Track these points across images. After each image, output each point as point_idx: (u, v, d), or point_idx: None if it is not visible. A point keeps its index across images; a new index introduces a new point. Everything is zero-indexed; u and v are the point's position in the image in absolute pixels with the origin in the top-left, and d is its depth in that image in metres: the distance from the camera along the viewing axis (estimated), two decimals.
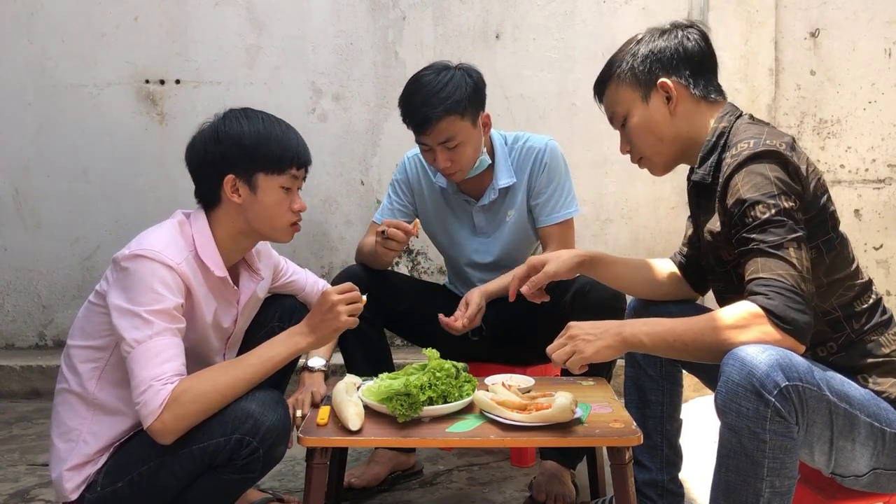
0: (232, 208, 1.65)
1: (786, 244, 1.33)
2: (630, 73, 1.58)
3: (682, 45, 1.56)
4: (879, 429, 1.35)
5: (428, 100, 1.99)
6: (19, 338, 3.50)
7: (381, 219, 2.30)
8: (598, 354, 1.43)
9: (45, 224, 3.44)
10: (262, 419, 1.49)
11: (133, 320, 1.48)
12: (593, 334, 1.44)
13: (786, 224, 1.34)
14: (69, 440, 1.59)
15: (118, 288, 1.52)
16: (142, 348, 1.47)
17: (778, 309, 1.30)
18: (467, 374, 1.69)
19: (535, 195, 2.20)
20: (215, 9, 3.33)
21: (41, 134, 3.39)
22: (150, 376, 1.45)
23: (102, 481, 1.55)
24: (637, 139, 1.61)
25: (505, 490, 2.17)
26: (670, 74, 1.55)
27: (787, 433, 1.25)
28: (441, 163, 2.05)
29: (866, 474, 1.38)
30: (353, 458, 2.31)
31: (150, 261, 1.51)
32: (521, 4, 3.29)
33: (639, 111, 1.58)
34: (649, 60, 1.56)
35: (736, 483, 1.29)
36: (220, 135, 1.62)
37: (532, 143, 2.22)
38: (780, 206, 1.35)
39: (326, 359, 1.89)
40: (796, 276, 1.31)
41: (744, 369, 1.25)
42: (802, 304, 1.30)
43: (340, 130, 3.37)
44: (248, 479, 1.55)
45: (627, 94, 1.59)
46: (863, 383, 1.41)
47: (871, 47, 3.23)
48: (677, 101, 1.55)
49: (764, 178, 1.37)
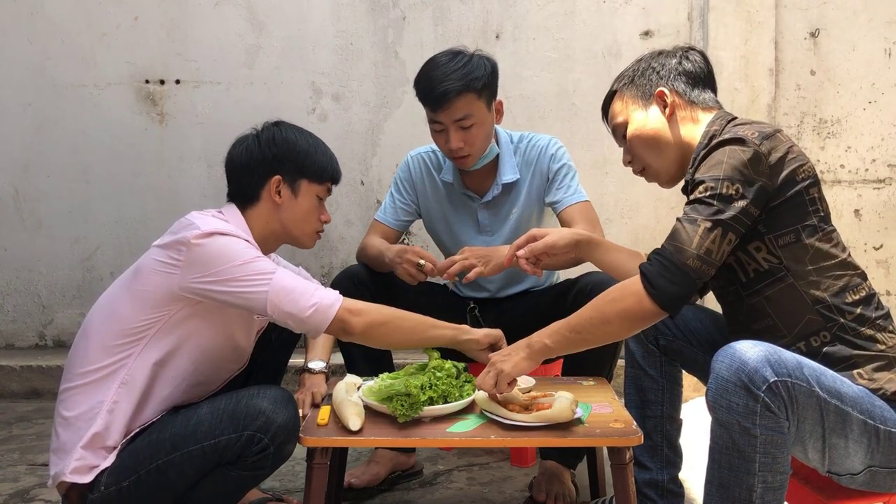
0: (269, 207, 1.72)
1: (700, 221, 1.39)
2: (630, 84, 1.64)
3: (681, 62, 1.62)
4: (873, 426, 1.35)
5: (448, 75, 2.01)
6: (19, 338, 3.50)
7: (383, 217, 2.30)
8: (516, 368, 1.52)
9: (45, 224, 3.44)
10: (274, 416, 1.49)
11: (248, 267, 1.55)
12: (507, 353, 1.56)
13: (713, 206, 1.39)
14: (88, 419, 1.55)
15: (203, 264, 1.54)
16: (279, 274, 1.56)
17: (650, 273, 1.40)
18: (467, 374, 1.69)
19: (549, 183, 2.19)
20: (215, 9, 3.33)
21: (41, 134, 3.39)
22: (311, 285, 1.58)
23: (106, 480, 1.53)
24: (636, 148, 1.64)
25: (505, 490, 2.17)
26: (668, 85, 1.60)
27: (778, 428, 1.26)
28: (454, 143, 2.05)
29: (862, 472, 1.38)
30: (353, 458, 2.31)
31: (229, 236, 1.58)
32: (521, 4, 3.29)
33: (637, 120, 1.62)
34: (648, 73, 1.62)
35: (729, 479, 1.29)
36: (276, 139, 1.72)
37: (536, 140, 2.23)
38: (717, 189, 1.39)
39: (326, 361, 1.89)
40: (689, 252, 1.38)
41: (733, 365, 1.26)
42: (678, 276, 1.38)
43: (340, 130, 3.37)
44: (258, 476, 1.54)
45: (627, 104, 1.64)
46: (857, 380, 1.41)
47: (871, 47, 3.23)
48: (673, 109, 1.58)
49: (717, 162, 1.41)
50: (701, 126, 1.58)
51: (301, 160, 1.73)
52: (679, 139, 1.59)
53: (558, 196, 2.17)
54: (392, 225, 2.30)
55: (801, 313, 1.44)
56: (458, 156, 2.09)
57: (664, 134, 1.60)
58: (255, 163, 1.71)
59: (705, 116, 1.59)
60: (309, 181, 1.74)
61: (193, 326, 1.61)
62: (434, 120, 2.07)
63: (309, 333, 1.62)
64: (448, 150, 2.09)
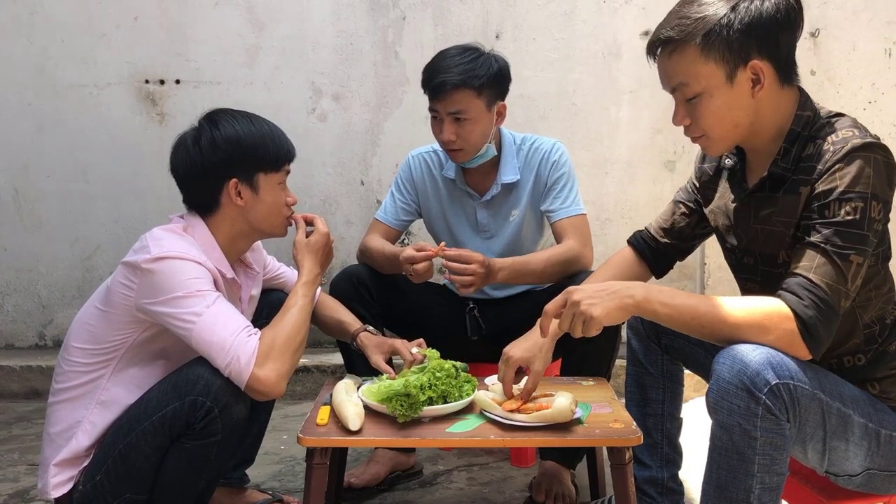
0: (233, 212, 1.66)
1: (851, 256, 1.27)
2: (722, 44, 1.32)
3: (779, 9, 1.32)
4: (874, 429, 1.35)
5: (451, 68, 2.03)
6: (19, 338, 3.50)
7: (384, 217, 2.30)
8: (609, 317, 1.34)
9: (45, 224, 3.44)
10: (213, 379, 1.50)
11: (183, 302, 1.51)
12: (599, 296, 1.35)
13: (861, 234, 1.27)
14: (66, 438, 1.60)
15: (151, 289, 1.53)
16: (204, 318, 1.50)
17: (810, 320, 1.26)
18: (467, 374, 1.69)
19: (547, 191, 2.18)
20: (215, 9, 3.32)
21: (41, 134, 3.39)
22: (229, 333, 1.50)
23: (83, 479, 1.57)
24: (708, 121, 1.39)
25: (505, 490, 2.17)
26: (763, 53, 1.33)
27: (779, 430, 1.25)
28: (446, 135, 2.06)
29: (860, 474, 1.38)
30: (353, 458, 2.31)
31: (178, 259, 1.54)
32: (521, 4, 3.29)
33: (720, 92, 1.35)
34: (748, 31, 1.31)
35: (727, 480, 1.29)
36: (218, 141, 1.62)
37: (540, 143, 2.23)
38: (866, 212, 1.27)
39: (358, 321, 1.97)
40: (842, 292, 1.28)
41: (734, 367, 1.25)
42: (832, 321, 1.28)
43: (340, 130, 3.37)
44: (212, 444, 1.53)
45: (709, 69, 1.34)
46: (868, 389, 1.40)
47: (871, 47, 3.23)
48: (764, 86, 1.35)
49: (864, 175, 1.27)
50: (786, 106, 1.39)
51: (251, 155, 1.63)
52: (761, 119, 1.39)
53: (554, 206, 2.17)
54: (392, 224, 2.30)
55: (850, 336, 1.40)
56: (450, 148, 2.11)
57: (747, 113, 1.38)
58: (203, 171, 1.63)
59: (790, 95, 1.40)
60: (265, 173, 1.66)
61: (168, 341, 1.61)
62: (432, 108, 2.10)
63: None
64: (440, 140, 2.11)
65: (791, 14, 1.34)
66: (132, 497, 1.55)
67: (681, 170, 3.25)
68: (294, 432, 1.57)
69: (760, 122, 1.40)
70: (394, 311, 2.17)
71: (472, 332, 2.22)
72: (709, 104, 1.37)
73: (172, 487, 1.56)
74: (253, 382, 1.49)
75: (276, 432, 2.60)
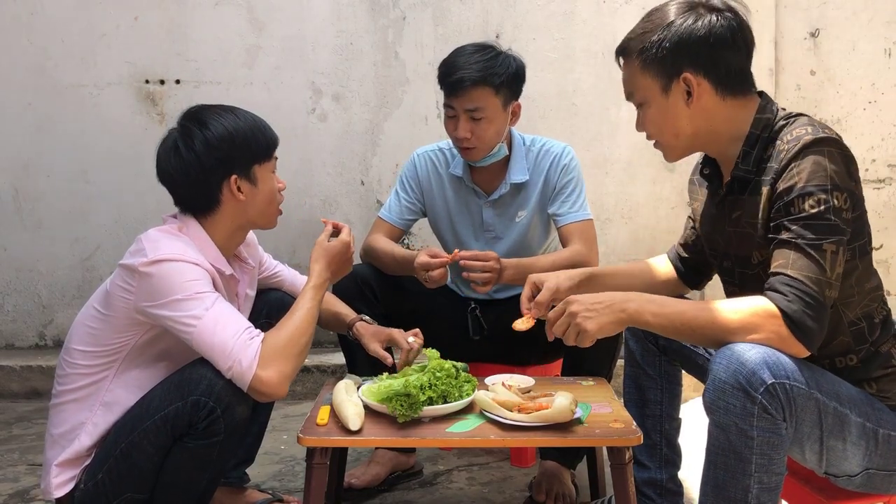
0: (234, 207, 1.67)
1: (824, 245, 1.29)
2: (655, 59, 1.43)
3: (712, 31, 1.40)
4: (872, 429, 1.34)
5: (470, 65, 2.03)
6: (19, 338, 3.50)
7: (388, 216, 2.30)
8: (602, 331, 1.40)
9: (45, 224, 3.44)
10: (216, 379, 1.50)
11: (182, 305, 1.51)
12: (595, 310, 1.40)
13: (830, 223, 1.29)
14: (70, 439, 1.60)
15: (149, 292, 1.53)
16: (205, 320, 1.50)
17: (796, 314, 1.28)
18: (467, 374, 1.69)
19: (556, 194, 2.19)
20: (215, 9, 3.32)
21: (41, 134, 3.39)
22: (230, 335, 1.50)
23: (85, 478, 1.58)
24: (651, 129, 1.51)
25: (505, 490, 2.17)
26: (696, 67, 1.41)
27: (775, 430, 1.25)
28: (461, 132, 2.06)
29: (859, 474, 1.37)
30: (353, 458, 2.31)
31: (176, 261, 1.54)
32: (521, 4, 3.29)
33: (657, 102, 1.46)
34: (678, 48, 1.41)
35: (725, 480, 1.29)
36: (210, 140, 1.62)
37: (550, 146, 2.23)
38: (830, 203, 1.29)
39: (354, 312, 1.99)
40: (823, 282, 1.28)
41: (731, 367, 1.25)
42: (820, 312, 1.28)
43: (340, 130, 3.37)
44: (214, 444, 1.53)
45: (647, 80, 1.45)
46: (865, 388, 1.40)
47: (871, 47, 3.23)
48: (697, 97, 1.42)
49: (821, 169, 1.30)
50: (733, 114, 1.44)
51: (247, 149, 1.65)
52: (702, 128, 1.46)
53: (562, 210, 2.18)
54: (396, 223, 2.29)
55: (834, 333, 1.39)
56: (464, 146, 2.10)
57: (685, 123, 1.45)
58: (201, 172, 1.62)
59: (738, 104, 1.44)
60: (260, 164, 1.67)
61: (170, 343, 1.61)
62: (448, 104, 2.09)
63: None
64: (455, 137, 2.11)
65: (730, 33, 1.41)
66: (133, 496, 1.56)
67: (681, 170, 3.24)
68: (294, 432, 1.57)
69: (715, 129, 1.46)
70: (397, 310, 2.17)
71: (475, 332, 2.22)
72: (649, 113, 1.49)
73: (174, 487, 1.56)
74: (256, 384, 1.49)
75: (276, 432, 2.61)
